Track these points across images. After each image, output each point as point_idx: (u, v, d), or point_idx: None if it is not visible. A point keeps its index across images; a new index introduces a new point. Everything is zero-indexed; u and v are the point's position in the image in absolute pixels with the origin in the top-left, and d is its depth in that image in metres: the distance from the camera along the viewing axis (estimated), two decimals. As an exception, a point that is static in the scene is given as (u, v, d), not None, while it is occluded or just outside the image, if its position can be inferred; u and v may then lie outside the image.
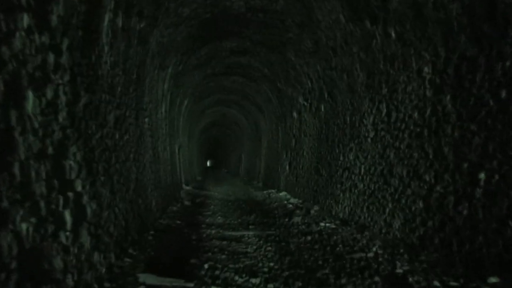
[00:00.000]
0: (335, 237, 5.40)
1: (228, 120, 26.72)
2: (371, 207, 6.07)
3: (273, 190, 13.85)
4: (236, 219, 7.49)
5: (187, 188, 13.50)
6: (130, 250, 4.19)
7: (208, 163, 53.53)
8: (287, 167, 12.87)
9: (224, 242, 5.09)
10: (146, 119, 6.52)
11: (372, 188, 6.11)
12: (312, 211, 8.03)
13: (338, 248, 4.74)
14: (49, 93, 2.48)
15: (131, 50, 5.14)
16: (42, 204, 2.23)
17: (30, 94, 2.21)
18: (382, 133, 5.93)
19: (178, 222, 6.61)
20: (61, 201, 2.53)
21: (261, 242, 5.20)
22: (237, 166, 32.49)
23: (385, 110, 5.91)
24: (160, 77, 8.07)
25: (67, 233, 2.57)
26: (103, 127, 3.77)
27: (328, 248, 4.78)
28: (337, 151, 7.98)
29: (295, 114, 11.95)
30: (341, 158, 7.69)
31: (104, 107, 3.81)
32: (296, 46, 9.35)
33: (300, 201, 10.26)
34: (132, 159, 5.10)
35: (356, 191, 6.75)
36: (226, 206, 9.84)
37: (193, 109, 17.57)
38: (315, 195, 9.25)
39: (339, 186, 7.66)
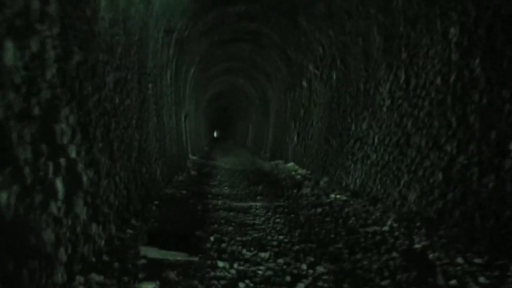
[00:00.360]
0: (346, 209, 5.17)
1: (236, 90, 26.26)
2: (384, 179, 5.80)
3: (280, 161, 13.63)
4: (243, 189, 7.30)
5: (194, 158, 13.34)
6: (133, 221, 3.99)
7: (215, 134, 53.43)
8: (295, 138, 12.59)
9: (231, 213, 4.89)
10: (150, 85, 6.22)
11: (386, 159, 5.83)
12: (321, 182, 7.80)
13: (350, 221, 4.52)
14: (34, 46, 2.18)
15: (132, 8, 4.78)
16: (26, 170, 1.99)
17: (9, 44, 1.92)
18: (400, 101, 5.58)
19: (184, 192, 6.42)
20: (51, 168, 2.29)
21: (270, 213, 5.00)
22: (244, 137, 32.29)
23: (403, 77, 5.54)
24: (165, 42, 7.70)
25: (59, 203, 2.34)
26: (101, 89, 3.49)
27: (340, 220, 4.56)
28: (349, 120, 7.65)
29: (304, 83, 11.55)
30: (353, 127, 7.38)
31: (102, 67, 3.52)
32: (308, 10, 8.86)
33: (309, 172, 10.03)
34: (135, 125, 4.84)
35: (368, 162, 6.48)
36: (233, 176, 9.65)
37: (200, 78, 17.18)
38: (324, 166, 9.00)
39: (350, 157, 7.38)
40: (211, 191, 6.89)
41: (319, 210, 5.18)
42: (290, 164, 12.12)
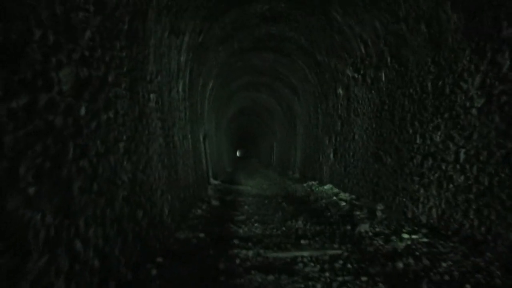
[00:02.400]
0: (443, 264, 3.41)
1: (258, 106, 24.81)
2: (485, 212, 4.03)
3: (314, 183, 11.89)
4: (279, 226, 5.63)
5: (216, 182, 11.76)
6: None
7: (238, 153, 52.06)
8: (332, 155, 10.86)
9: (270, 278, 3.22)
10: (153, 96, 4.72)
11: (486, 183, 4.06)
12: (378, 213, 6.04)
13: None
14: None
15: (115, -19, 3.30)
16: None
17: None
18: (504, 98, 3.86)
19: (201, 235, 4.79)
20: None
21: (327, 274, 3.30)
22: (269, 156, 30.65)
23: (507, 63, 3.83)
24: (174, 45, 6.24)
25: None
26: (41, 89, 1.96)
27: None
28: (410, 131, 5.92)
29: (340, 91, 9.89)
30: (419, 140, 5.64)
31: (39, 50, 1.99)
32: (345, 0, 7.29)
33: (354, 196, 8.27)
34: (123, 150, 3.29)
35: (450, 186, 4.71)
36: (263, 205, 7.99)
37: (219, 94, 15.78)
38: (375, 189, 7.24)
39: (416, 178, 5.62)
40: (238, 231, 5.24)
41: (400, 265, 3.45)
42: (328, 187, 10.38)
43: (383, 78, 7.01)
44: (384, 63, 6.93)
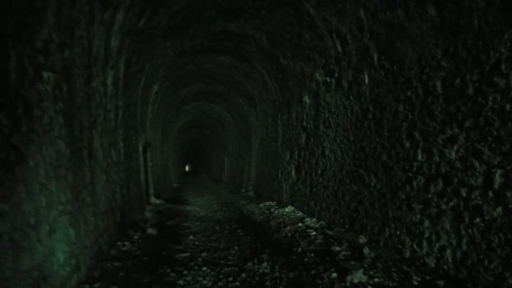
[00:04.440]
0: None
1: (210, 118, 23.18)
2: (549, 264, 2.73)
3: (272, 203, 10.43)
4: (236, 271, 4.04)
5: (157, 202, 9.91)
6: None
7: (186, 168, 49.71)
8: (293, 173, 9.49)
9: None
10: (47, 75, 3.01)
11: (549, 221, 2.78)
12: (365, 250, 4.64)
13: None
14: None
15: None
16: None
17: None
18: None
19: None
20: None
21: None
22: (219, 171, 28.93)
23: None
24: (99, 17, 4.55)
25: None
26: None
27: None
28: (407, 145, 4.64)
29: (306, 99, 8.59)
30: (421, 156, 4.35)
31: None
32: (321, -15, 6.02)
33: (323, 223, 6.88)
34: None
35: (478, 220, 3.41)
36: (213, 233, 6.34)
37: (167, 101, 14.00)
38: (354, 216, 5.88)
39: (418, 206, 4.31)
40: (177, 285, 3.57)
41: None
42: (289, 209, 8.94)
43: (366, 81, 5.74)
44: (368, 63, 5.67)
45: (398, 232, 4.64)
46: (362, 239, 5.25)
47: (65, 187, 3.25)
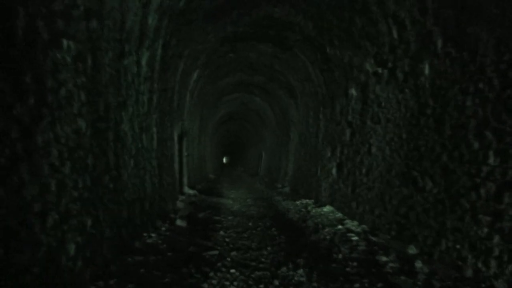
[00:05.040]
0: None
1: (249, 111, 22.83)
2: None
3: (309, 201, 9.88)
4: (269, 276, 3.59)
5: (191, 192, 9.65)
6: None
7: (224, 160, 49.88)
8: (334, 171, 8.89)
9: None
10: (67, 42, 2.67)
11: None
12: (417, 264, 4.04)
13: None
14: None
15: None
16: None
17: None
18: None
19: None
20: None
21: None
22: (256, 165, 28.61)
23: None
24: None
25: None
26: None
27: None
28: (474, 145, 3.97)
29: (353, 92, 7.95)
30: (492, 160, 3.68)
31: None
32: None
33: (366, 228, 6.28)
34: None
35: None
36: (245, 230, 5.92)
37: (206, 90, 13.73)
38: (402, 223, 5.25)
39: (486, 218, 3.65)
40: (201, 287, 3.16)
41: None
42: (327, 209, 8.37)
43: (427, 71, 5.07)
44: (430, 51, 4.99)
45: (457, 246, 4.00)
46: (412, 250, 4.63)
47: (83, 171, 2.91)
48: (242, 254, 4.36)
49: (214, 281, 3.31)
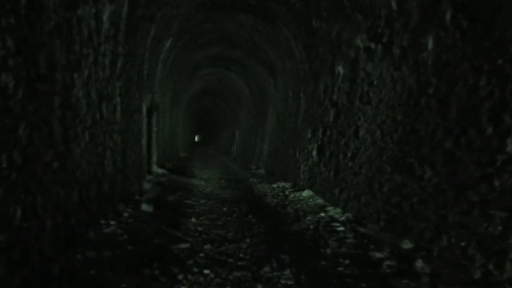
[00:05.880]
0: None
1: (225, 87, 21.98)
2: None
3: (286, 184, 9.38)
4: (249, 276, 3.00)
5: (160, 172, 8.92)
6: None
7: (196, 138, 48.87)
8: (315, 153, 8.37)
9: None
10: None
11: None
12: (417, 264, 3.56)
13: None
14: None
15: None
16: None
17: None
18: None
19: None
20: None
21: None
22: (229, 144, 27.93)
23: None
24: None
25: None
26: None
27: None
28: (488, 131, 3.47)
29: (340, 69, 7.36)
30: (510, 148, 3.20)
31: None
32: None
33: (350, 216, 5.80)
34: None
35: None
36: (220, 217, 5.31)
37: (180, 62, 12.82)
38: (394, 213, 4.78)
39: (500, 215, 3.18)
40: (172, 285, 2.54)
41: None
42: (306, 193, 7.88)
43: (430, 46, 4.51)
44: (435, 23, 4.42)
45: (462, 244, 3.54)
46: (406, 244, 4.16)
47: (9, 144, 2.18)
48: (217, 247, 3.75)
49: (185, 282, 2.69)
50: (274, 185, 9.34)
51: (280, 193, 8.14)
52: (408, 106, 4.89)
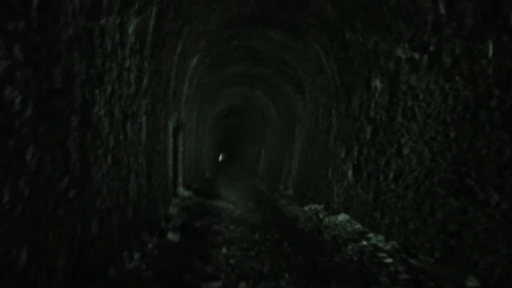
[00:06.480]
0: None
1: (251, 106, 21.72)
2: None
3: (318, 207, 8.81)
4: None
5: (186, 194, 8.55)
6: None
7: (220, 157, 48.74)
8: (350, 173, 7.81)
9: None
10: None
11: None
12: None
13: None
14: None
15: None
16: None
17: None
18: None
19: None
20: None
21: None
22: (254, 163, 27.50)
23: None
24: None
25: None
26: None
27: None
28: None
29: (377, 83, 6.86)
30: None
31: None
32: None
33: (396, 244, 5.20)
34: None
35: None
36: (253, 246, 4.83)
37: (207, 79, 12.62)
38: (453, 244, 4.18)
39: None
40: None
41: None
42: (342, 218, 7.30)
43: (490, 53, 3.99)
44: (495, 26, 3.91)
45: (549, 286, 2.93)
46: (472, 282, 3.56)
47: (14, 172, 1.81)
48: (253, 285, 3.27)
49: None
50: (306, 208, 8.80)
51: (314, 217, 7.60)
52: (463, 120, 4.34)
